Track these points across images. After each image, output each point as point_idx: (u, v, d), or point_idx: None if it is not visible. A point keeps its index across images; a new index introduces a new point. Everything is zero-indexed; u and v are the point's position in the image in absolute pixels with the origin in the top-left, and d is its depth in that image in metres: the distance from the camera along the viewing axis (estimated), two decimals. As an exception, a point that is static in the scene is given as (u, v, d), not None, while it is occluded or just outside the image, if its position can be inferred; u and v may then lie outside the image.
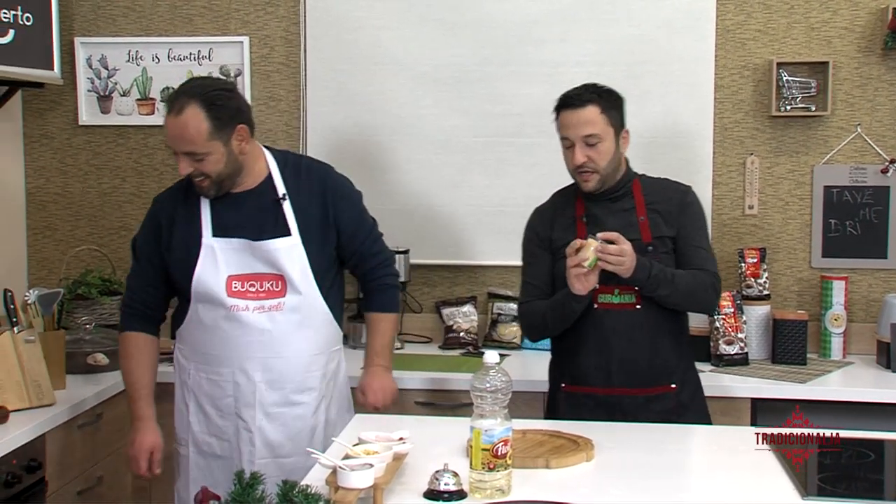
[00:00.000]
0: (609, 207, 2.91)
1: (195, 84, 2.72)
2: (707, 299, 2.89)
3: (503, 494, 2.15)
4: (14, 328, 3.13)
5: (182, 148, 2.66)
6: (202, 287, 2.79)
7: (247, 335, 2.79)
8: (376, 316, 2.99)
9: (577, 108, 2.84)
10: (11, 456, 2.78)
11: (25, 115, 4.18)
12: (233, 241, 2.78)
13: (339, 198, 2.89)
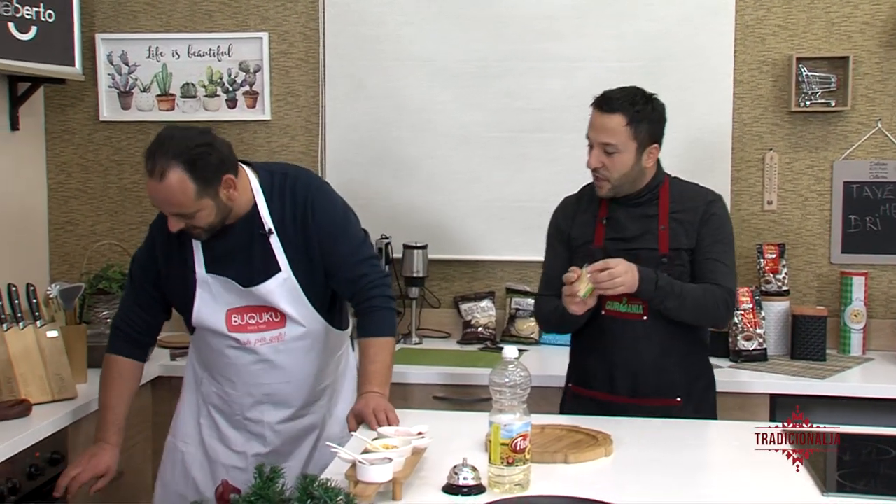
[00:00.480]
0: (631, 212, 2.85)
1: (172, 143, 2.52)
2: (717, 315, 2.81)
3: (522, 489, 2.15)
4: (36, 322, 3.15)
5: (170, 211, 2.58)
6: (203, 321, 2.77)
7: (252, 364, 2.79)
8: (365, 342, 2.73)
9: (605, 113, 2.78)
10: (35, 448, 2.80)
11: (47, 111, 4.20)
12: (227, 281, 2.72)
13: (313, 212, 2.72)
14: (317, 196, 2.75)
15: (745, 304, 3.64)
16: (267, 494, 1.86)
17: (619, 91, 2.81)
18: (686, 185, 2.93)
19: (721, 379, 3.41)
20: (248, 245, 2.71)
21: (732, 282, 2.83)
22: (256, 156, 4.08)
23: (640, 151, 2.78)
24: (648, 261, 2.76)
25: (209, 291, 2.74)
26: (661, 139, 2.85)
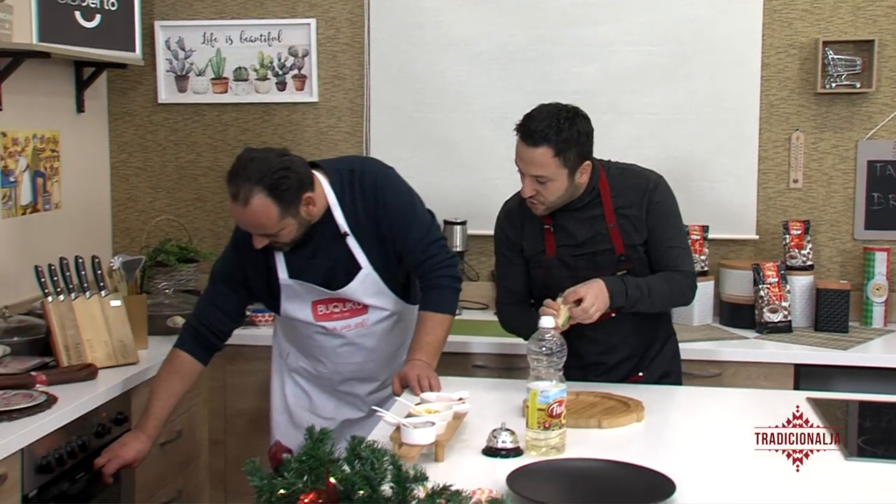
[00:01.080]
0: (576, 217, 2.71)
1: (253, 168, 2.51)
2: (683, 300, 2.76)
3: (558, 452, 2.16)
4: (101, 292, 3.20)
5: (255, 232, 2.58)
6: (290, 314, 2.80)
7: (339, 347, 2.83)
8: (423, 314, 2.73)
9: (530, 147, 2.56)
10: (101, 409, 2.85)
11: (110, 95, 4.24)
12: (311, 286, 2.73)
13: (384, 209, 2.72)
14: (384, 185, 2.74)
15: (771, 277, 3.61)
16: (317, 455, 1.87)
17: (542, 116, 2.57)
18: (623, 173, 2.75)
19: (746, 350, 3.41)
20: (327, 249, 2.72)
21: (690, 263, 2.75)
22: (304, 136, 4.10)
23: (572, 174, 2.60)
24: (607, 263, 2.68)
25: (294, 291, 2.76)
26: (591, 153, 2.65)
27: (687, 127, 3.91)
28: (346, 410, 2.90)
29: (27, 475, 2.49)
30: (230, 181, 2.54)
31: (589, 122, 2.64)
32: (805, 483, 2.01)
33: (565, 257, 2.74)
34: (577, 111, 2.62)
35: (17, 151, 3.55)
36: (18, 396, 2.65)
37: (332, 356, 2.86)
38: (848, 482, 2.04)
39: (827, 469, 2.09)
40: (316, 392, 2.94)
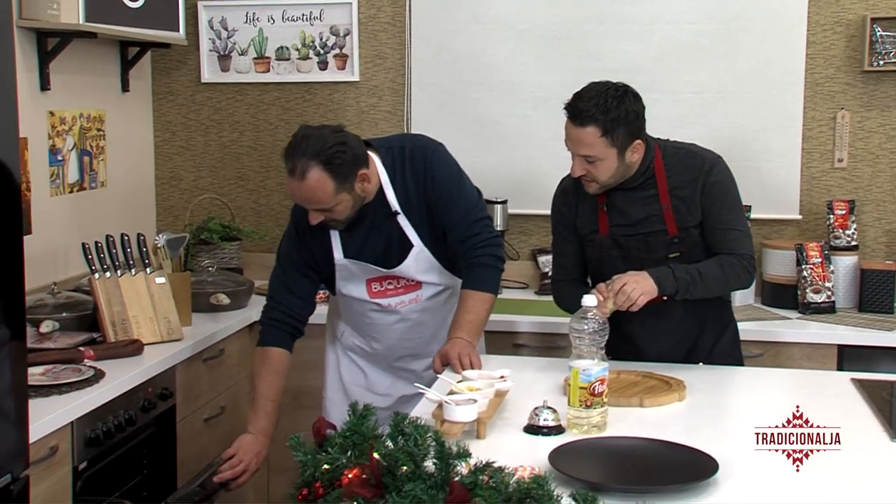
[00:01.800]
0: (631, 196, 2.67)
1: (310, 144, 2.54)
2: (739, 284, 2.67)
3: (599, 431, 2.15)
4: (146, 269, 3.23)
5: (311, 207, 2.60)
6: (346, 293, 2.82)
7: (394, 323, 2.84)
8: (465, 293, 2.72)
9: (578, 126, 2.54)
10: (147, 384, 2.89)
11: (154, 74, 4.26)
12: (366, 265, 2.76)
13: (433, 185, 2.72)
14: (434, 160, 2.75)
15: (815, 258, 3.57)
16: (361, 430, 1.88)
17: (590, 95, 2.55)
18: (680, 153, 2.69)
19: (789, 330, 3.38)
20: (380, 228, 2.73)
21: (748, 245, 2.66)
22: (345, 115, 4.10)
23: (622, 153, 2.56)
24: (660, 245, 2.64)
25: (348, 271, 2.78)
26: (643, 130, 2.61)
27: (730, 106, 3.87)
28: (402, 387, 2.89)
29: (77, 448, 2.53)
30: (287, 157, 2.56)
31: (639, 100, 2.60)
32: (850, 463, 1.99)
33: (618, 237, 2.70)
34: (627, 89, 2.58)
35: (65, 130, 3.59)
36: (67, 371, 2.70)
37: (386, 333, 2.87)
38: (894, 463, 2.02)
39: (872, 450, 2.07)
40: (371, 369, 2.95)
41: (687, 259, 2.62)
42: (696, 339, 2.76)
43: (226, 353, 3.43)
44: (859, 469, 1.98)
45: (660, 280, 2.50)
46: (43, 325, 3.00)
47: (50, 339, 2.96)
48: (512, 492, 1.66)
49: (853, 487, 1.90)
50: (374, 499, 1.71)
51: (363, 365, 2.96)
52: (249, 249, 4.17)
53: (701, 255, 2.65)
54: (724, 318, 2.83)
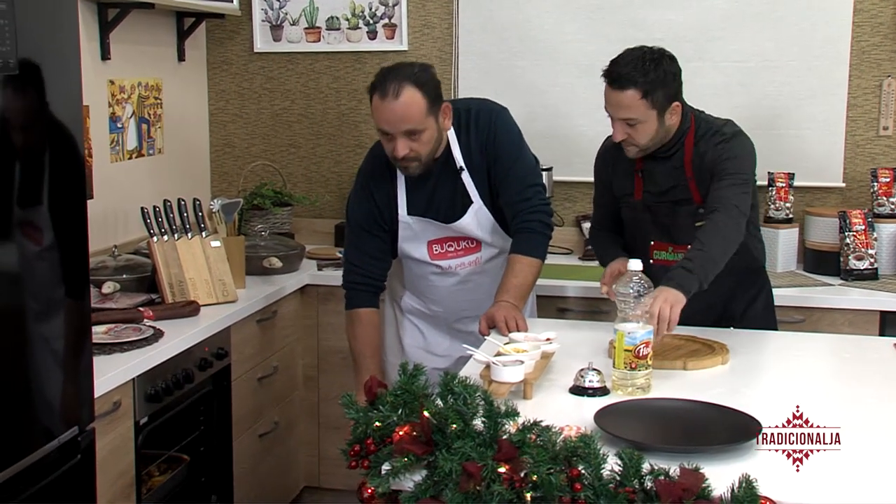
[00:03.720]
0: (662, 165, 2.68)
1: (401, 70, 2.61)
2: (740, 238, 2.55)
3: (644, 392, 2.15)
4: (202, 233, 3.27)
5: (401, 127, 2.58)
6: (407, 254, 2.85)
7: (454, 285, 2.86)
8: (514, 258, 2.73)
9: (617, 90, 2.55)
10: (204, 344, 2.93)
11: (208, 44, 4.28)
12: (427, 221, 2.78)
13: (495, 146, 2.75)
14: (498, 122, 2.77)
15: (858, 225, 3.51)
16: (411, 389, 1.89)
17: (627, 60, 2.54)
18: (709, 129, 2.66)
19: (831, 296, 3.34)
20: (444, 185, 2.76)
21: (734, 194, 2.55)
22: (394, 84, 4.07)
23: (662, 115, 2.57)
24: (686, 213, 2.64)
25: (411, 230, 2.80)
26: (680, 93, 2.61)
27: (774, 74, 3.80)
28: (460, 348, 2.82)
29: (138, 403, 2.58)
30: (379, 83, 2.59)
31: (675, 62, 2.60)
32: (892, 426, 1.97)
33: (650, 202, 2.72)
34: (664, 52, 2.58)
35: (124, 99, 3.63)
36: (128, 330, 2.74)
37: (446, 296, 2.87)
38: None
39: (914, 414, 2.05)
40: (430, 330, 2.96)
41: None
42: (725, 304, 2.75)
43: (278, 315, 3.46)
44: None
45: (681, 285, 2.38)
46: (105, 286, 3.05)
47: (111, 300, 3.01)
48: (559, 450, 1.67)
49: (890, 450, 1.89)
50: (424, 455, 1.73)
51: (422, 327, 2.97)
52: (300, 215, 4.19)
53: None
54: (756, 284, 2.81)
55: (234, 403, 3.15)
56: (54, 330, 2.10)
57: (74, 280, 2.16)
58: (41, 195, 2.04)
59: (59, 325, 2.12)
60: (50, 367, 2.09)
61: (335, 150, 4.23)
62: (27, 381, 2.01)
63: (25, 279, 2.00)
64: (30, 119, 1.99)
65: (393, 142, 2.61)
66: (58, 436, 2.09)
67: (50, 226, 2.06)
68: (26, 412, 2.02)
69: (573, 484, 1.62)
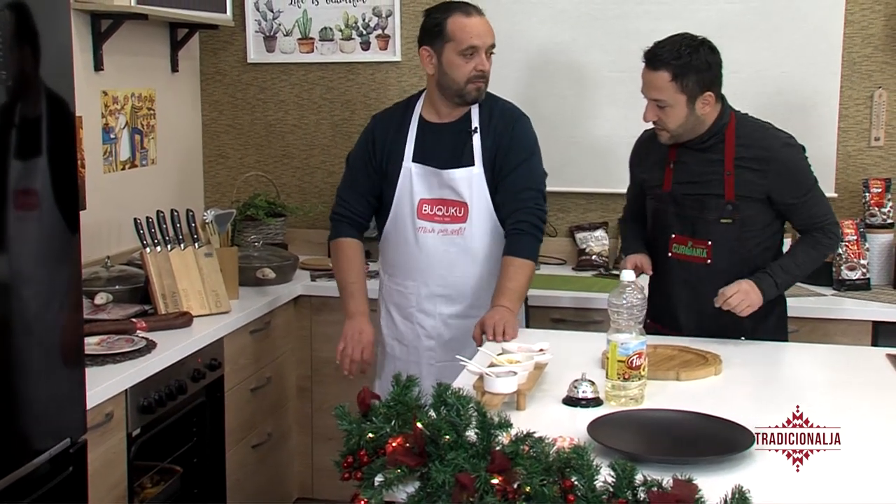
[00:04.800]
0: (698, 157, 2.70)
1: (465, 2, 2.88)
2: (832, 251, 2.83)
3: (637, 403, 2.15)
4: (195, 244, 3.26)
5: (489, 41, 2.84)
6: (399, 205, 2.92)
7: (430, 255, 2.90)
8: (508, 260, 2.80)
9: (650, 70, 2.62)
10: (197, 355, 2.92)
11: (202, 55, 4.28)
12: (427, 168, 2.89)
13: (512, 141, 2.87)
14: (520, 120, 2.94)
15: (850, 235, 3.52)
16: (404, 401, 1.89)
17: (666, 43, 2.63)
18: (756, 126, 2.73)
19: (823, 306, 3.34)
20: (454, 140, 2.89)
21: (828, 209, 2.73)
22: (388, 94, 4.09)
23: (692, 102, 2.61)
24: (714, 207, 2.66)
25: (409, 179, 2.90)
26: (716, 84, 2.65)
27: (767, 84, 3.81)
28: (424, 339, 2.95)
29: (131, 415, 2.57)
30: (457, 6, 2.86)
31: (715, 53, 2.66)
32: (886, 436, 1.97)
33: (678, 194, 2.74)
34: (704, 41, 2.65)
35: (117, 109, 3.63)
36: (121, 341, 2.74)
37: (423, 265, 2.91)
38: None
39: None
40: (399, 318, 2.99)
41: (740, 227, 2.65)
42: (736, 317, 2.68)
43: (272, 326, 3.46)
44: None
45: (764, 291, 2.59)
46: (97, 296, 3.05)
47: (104, 311, 3.01)
48: (552, 461, 1.67)
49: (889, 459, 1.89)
50: (417, 467, 1.72)
51: (394, 314, 3.01)
52: (294, 225, 4.19)
53: (756, 229, 2.68)
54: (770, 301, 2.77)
55: (228, 414, 3.14)
56: (46, 341, 2.10)
57: (67, 291, 2.15)
58: (34, 205, 2.03)
59: (51, 337, 2.11)
60: (42, 379, 2.08)
61: (328, 161, 4.24)
62: (18, 393, 2.01)
63: (17, 290, 1.99)
64: (22, 129, 1.99)
65: (479, 56, 2.80)
66: (49, 448, 2.08)
67: (43, 236, 2.05)
68: (18, 424, 2.01)
69: (566, 495, 1.62)
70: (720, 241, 2.66)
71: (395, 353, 3.01)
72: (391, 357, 3.02)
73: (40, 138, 2.04)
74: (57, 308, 2.12)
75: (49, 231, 2.07)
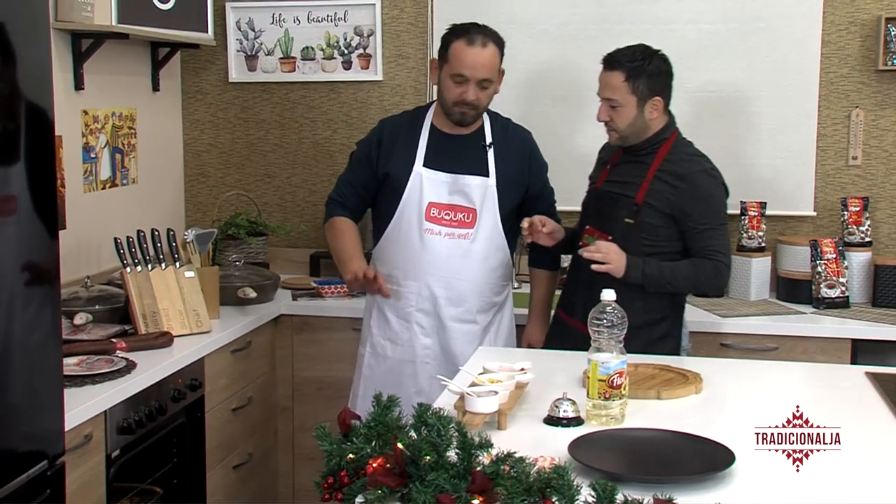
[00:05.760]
0: (631, 162, 2.88)
1: (483, 27, 3.00)
2: (712, 286, 2.87)
3: (617, 422, 2.15)
4: (175, 263, 3.25)
5: (481, 74, 2.91)
6: (406, 208, 3.01)
7: (436, 257, 2.99)
8: (539, 272, 3.18)
9: (606, 71, 2.83)
10: (177, 375, 2.90)
11: (183, 74, 4.28)
12: (439, 174, 3.00)
13: (536, 163, 3.13)
14: (534, 144, 3.17)
15: (829, 254, 3.55)
16: (385, 421, 1.89)
17: (623, 49, 2.84)
18: (688, 151, 2.88)
19: (804, 324, 3.36)
20: (466, 152, 3.03)
21: (723, 246, 2.79)
22: (370, 114, 4.10)
23: (642, 105, 2.80)
24: (621, 205, 2.81)
25: (419, 183, 3.00)
26: (665, 93, 2.85)
27: (746, 104, 3.84)
28: (421, 337, 3.02)
29: (110, 436, 2.56)
30: (467, 32, 2.95)
31: (665, 62, 2.86)
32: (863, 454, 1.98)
33: (602, 190, 2.94)
34: (657, 52, 2.85)
35: (98, 129, 3.62)
36: (101, 362, 2.72)
37: (427, 265, 2.99)
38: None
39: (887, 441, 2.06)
40: (394, 318, 3.05)
41: (639, 231, 2.78)
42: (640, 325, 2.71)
43: (253, 346, 3.45)
44: (873, 459, 1.97)
45: (629, 268, 2.72)
46: (77, 317, 3.03)
47: (83, 331, 2.99)
48: (533, 481, 1.67)
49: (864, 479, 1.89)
50: (397, 487, 1.72)
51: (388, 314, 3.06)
52: (276, 244, 4.19)
53: (654, 239, 2.79)
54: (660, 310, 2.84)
55: (208, 435, 3.13)
56: (24, 361, 2.08)
57: (46, 311, 2.13)
58: (12, 225, 2.02)
59: (29, 357, 2.10)
60: (19, 400, 2.06)
61: (310, 180, 4.24)
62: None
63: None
64: (1, 149, 1.98)
65: (466, 86, 2.91)
66: (27, 470, 2.06)
67: (21, 256, 2.04)
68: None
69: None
70: (618, 239, 2.78)
71: (385, 353, 3.06)
72: (380, 357, 3.07)
73: (19, 157, 2.02)
74: (36, 328, 2.10)
75: (28, 251, 2.05)
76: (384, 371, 3.06)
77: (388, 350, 3.06)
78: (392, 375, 3.02)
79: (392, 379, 3.00)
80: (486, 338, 3.05)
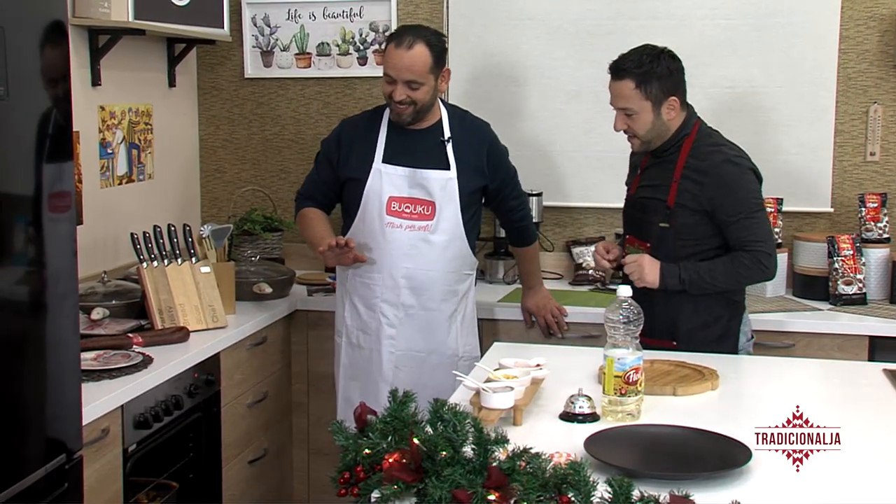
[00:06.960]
0: (659, 164, 2.85)
1: (419, 29, 3.05)
2: (756, 276, 2.80)
3: (633, 418, 2.15)
4: (192, 259, 3.26)
5: (405, 76, 2.96)
6: (368, 203, 3.09)
7: (398, 248, 3.08)
8: (521, 250, 3.40)
9: (615, 80, 2.78)
10: (193, 370, 2.92)
11: (199, 70, 4.29)
12: (398, 169, 3.08)
13: (494, 153, 3.18)
14: (492, 133, 3.23)
15: (846, 250, 3.53)
16: (401, 416, 1.89)
17: (629, 54, 2.79)
18: (710, 140, 2.81)
19: (820, 321, 3.34)
20: (425, 148, 3.09)
21: (763, 234, 2.74)
22: (385, 109, 4.09)
23: (658, 108, 2.76)
24: (654, 210, 2.78)
25: (379, 179, 3.09)
26: (679, 90, 2.80)
27: (762, 100, 3.83)
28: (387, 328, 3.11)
29: (127, 430, 2.57)
30: (397, 34, 3.02)
31: (675, 60, 2.80)
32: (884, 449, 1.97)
33: (636, 197, 2.90)
34: (664, 50, 2.80)
35: (115, 124, 3.63)
36: (117, 356, 2.73)
37: (388, 257, 3.08)
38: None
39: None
40: (363, 308, 3.16)
41: (676, 234, 2.74)
42: (672, 317, 2.77)
43: (268, 341, 3.46)
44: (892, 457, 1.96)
45: (664, 277, 2.71)
46: (94, 311, 3.04)
47: (100, 326, 3.00)
48: (549, 477, 1.67)
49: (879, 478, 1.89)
50: (413, 483, 1.72)
51: (358, 304, 3.16)
52: (291, 240, 4.19)
53: (691, 239, 2.75)
54: (712, 311, 2.80)
55: (224, 430, 3.13)
56: (42, 356, 2.09)
57: (63, 306, 2.15)
58: (30, 220, 2.03)
59: (47, 352, 2.11)
60: (37, 394, 2.08)
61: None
62: (14, 409, 2.00)
63: (13, 305, 1.99)
64: (19, 145, 1.99)
65: (393, 86, 2.99)
66: (45, 464, 2.08)
67: (39, 251, 2.05)
68: (13, 440, 2.01)
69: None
70: (657, 245, 2.77)
71: (359, 343, 3.17)
72: (355, 346, 3.19)
73: (36, 153, 2.03)
74: (53, 323, 2.12)
75: (46, 246, 2.06)
76: (359, 359, 3.18)
77: (360, 340, 3.17)
78: (366, 363, 3.14)
79: (366, 367, 3.14)
80: (451, 326, 3.14)
